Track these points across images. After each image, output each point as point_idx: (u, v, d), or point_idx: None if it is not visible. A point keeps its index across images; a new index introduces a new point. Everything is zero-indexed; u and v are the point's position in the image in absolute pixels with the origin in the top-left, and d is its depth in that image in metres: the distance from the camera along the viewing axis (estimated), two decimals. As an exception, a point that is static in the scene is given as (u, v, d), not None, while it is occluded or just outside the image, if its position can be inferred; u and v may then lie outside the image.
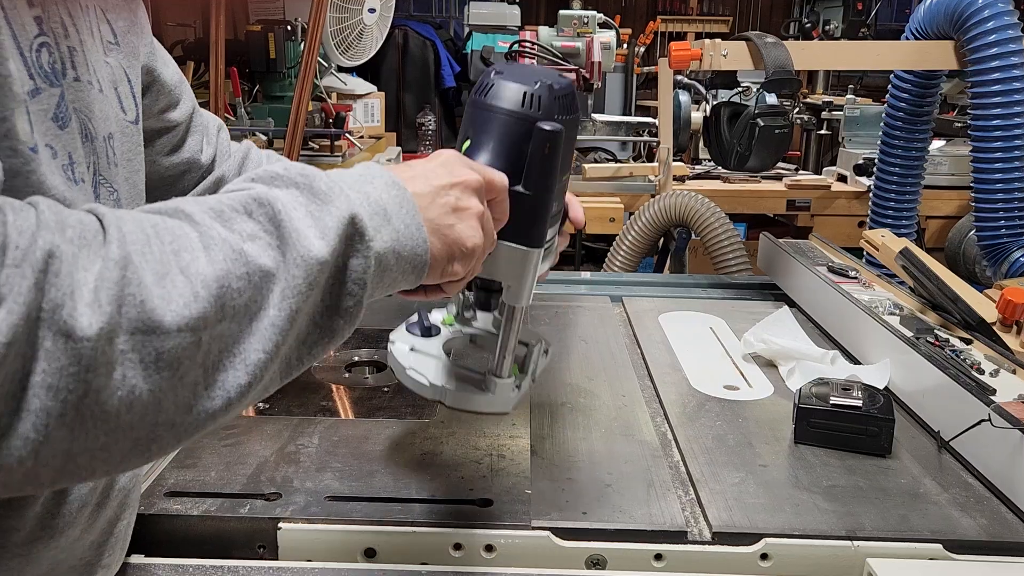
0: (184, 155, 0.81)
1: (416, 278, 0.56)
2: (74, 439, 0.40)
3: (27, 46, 0.47)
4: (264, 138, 3.15)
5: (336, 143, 3.15)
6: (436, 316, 0.83)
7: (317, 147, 3.14)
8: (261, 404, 0.98)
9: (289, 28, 3.06)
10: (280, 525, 0.73)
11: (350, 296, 0.51)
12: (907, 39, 1.76)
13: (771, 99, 2.51)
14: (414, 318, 0.81)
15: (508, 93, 0.65)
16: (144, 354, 0.41)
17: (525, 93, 0.64)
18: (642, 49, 4.34)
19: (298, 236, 0.48)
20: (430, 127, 3.88)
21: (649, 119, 3.09)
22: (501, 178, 0.63)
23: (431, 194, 0.58)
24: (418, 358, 0.77)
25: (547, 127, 0.63)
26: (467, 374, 0.75)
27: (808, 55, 1.78)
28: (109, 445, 0.41)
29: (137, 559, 0.71)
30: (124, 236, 0.42)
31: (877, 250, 1.39)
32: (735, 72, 1.68)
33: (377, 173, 0.56)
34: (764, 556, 0.73)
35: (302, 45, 2.55)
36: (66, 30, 0.53)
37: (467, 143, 0.66)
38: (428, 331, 0.81)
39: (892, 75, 1.82)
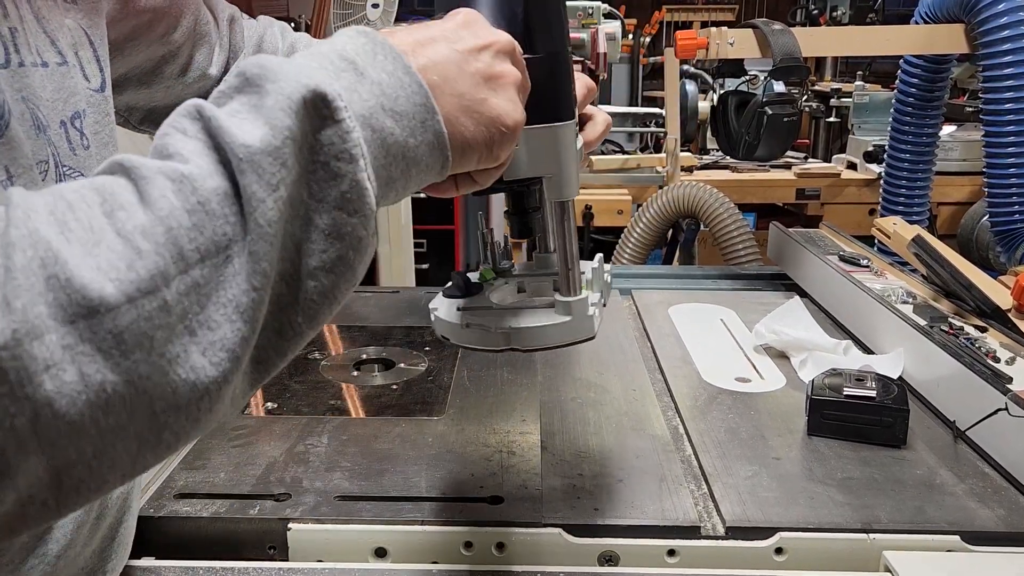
0: (193, 75, 0.76)
1: (437, 144, 0.45)
2: (51, 461, 0.34)
3: None
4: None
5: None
6: (472, 277, 0.73)
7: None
8: (269, 404, 0.97)
9: (293, 24, 3.06)
10: (290, 525, 0.73)
11: (339, 178, 0.40)
12: (916, 23, 1.74)
13: (779, 87, 2.48)
14: (450, 283, 0.71)
15: None
16: (99, 341, 0.34)
17: None
18: (648, 39, 4.32)
19: (233, 136, 0.38)
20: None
21: (656, 110, 3.07)
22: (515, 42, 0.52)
23: (457, 61, 0.47)
24: (472, 313, 0.67)
25: None
26: (534, 308, 0.66)
27: (816, 41, 1.76)
28: (103, 453, 0.35)
29: (147, 562, 0.71)
30: (31, 214, 0.34)
31: (889, 238, 1.37)
32: (742, 60, 1.66)
33: (341, 31, 0.46)
34: (779, 550, 0.72)
35: (306, 42, 2.56)
36: (4, 8, 0.48)
37: None
38: (470, 289, 0.70)
39: (902, 60, 1.80)
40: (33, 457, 0.33)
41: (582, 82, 0.67)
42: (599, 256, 0.74)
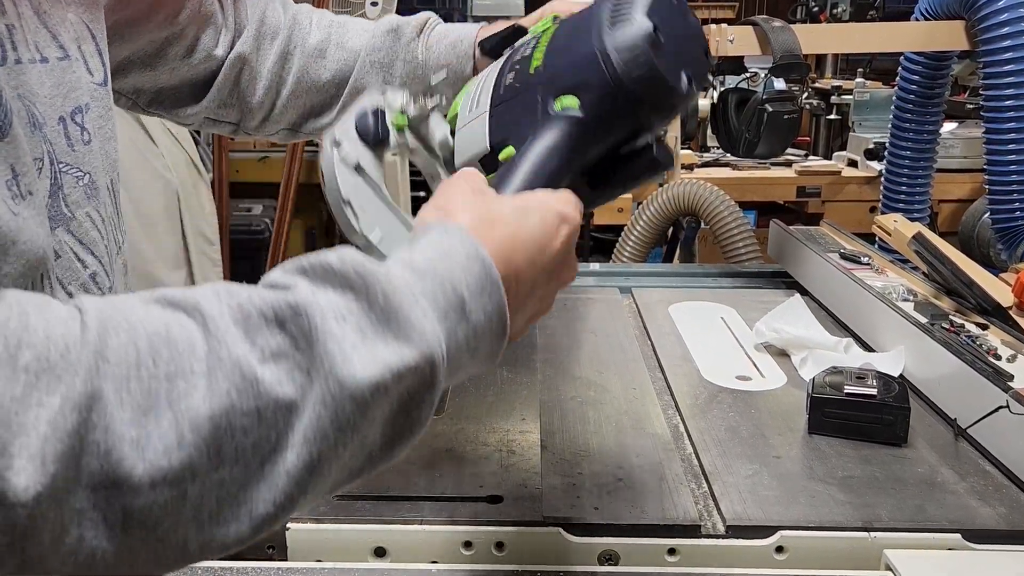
0: (198, 56, 0.76)
1: (491, 363, 0.47)
2: None
3: None
4: (270, 135, 3.15)
5: (342, 139, 3.14)
6: (393, 100, 0.63)
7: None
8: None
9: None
10: (289, 525, 0.73)
11: (411, 421, 0.41)
12: (916, 20, 1.73)
13: (779, 84, 2.48)
14: (365, 108, 0.62)
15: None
16: (108, 512, 0.33)
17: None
18: (648, 37, 4.31)
19: (332, 364, 0.37)
20: (435, 120, 3.87)
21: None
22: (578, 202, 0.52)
23: (530, 280, 0.47)
24: (358, 188, 0.58)
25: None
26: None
27: (816, 39, 1.76)
28: None
29: (146, 562, 0.70)
30: (101, 359, 0.34)
31: (890, 236, 1.37)
32: (742, 58, 1.66)
33: (458, 240, 0.44)
34: (779, 549, 0.72)
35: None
36: (2, 5, 0.47)
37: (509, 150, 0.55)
38: (379, 138, 0.61)
39: (902, 57, 1.80)
40: None
41: None
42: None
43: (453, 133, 0.63)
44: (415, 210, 0.53)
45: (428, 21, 0.83)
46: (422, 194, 3.70)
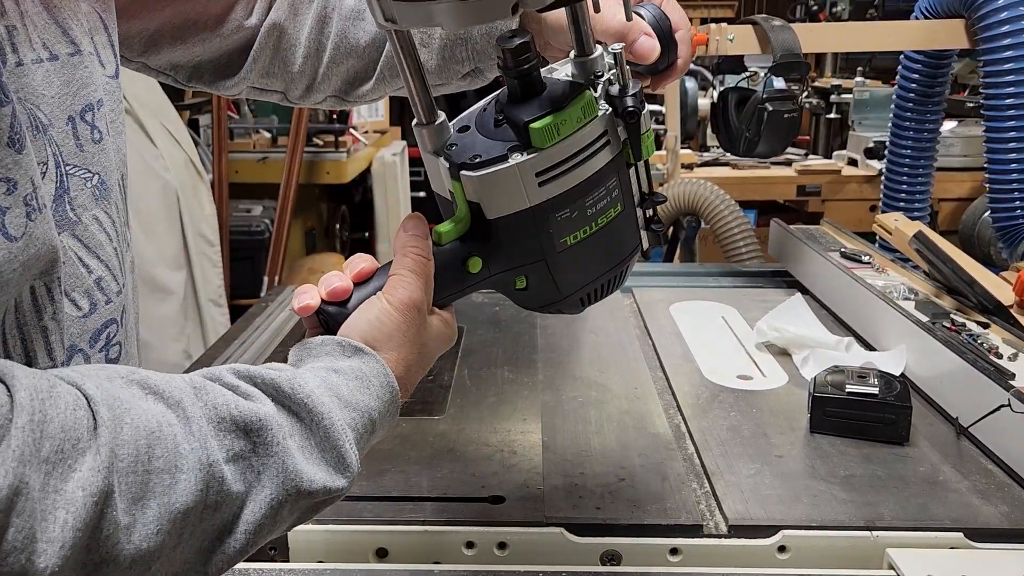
0: (229, 27, 0.75)
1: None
2: None
3: None
4: (268, 135, 3.15)
5: (340, 138, 3.14)
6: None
7: (321, 143, 3.13)
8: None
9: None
10: (291, 526, 0.73)
11: (296, 524, 0.51)
12: (916, 19, 1.73)
13: (779, 83, 2.47)
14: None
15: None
16: None
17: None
18: (647, 37, 4.31)
19: (287, 470, 0.47)
20: (436, 120, 3.86)
21: (656, 107, 3.06)
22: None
23: (416, 381, 0.58)
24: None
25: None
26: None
27: (816, 37, 1.76)
28: None
29: (148, 563, 0.70)
30: (115, 457, 0.40)
31: (890, 234, 1.37)
32: (742, 57, 1.66)
33: (374, 380, 0.54)
34: (782, 548, 0.72)
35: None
36: (3, 6, 0.46)
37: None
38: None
39: (902, 56, 1.80)
40: None
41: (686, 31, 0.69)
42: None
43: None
44: (415, 209, 0.54)
45: None
46: (422, 194, 3.70)
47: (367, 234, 3.57)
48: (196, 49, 0.76)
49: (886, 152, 1.91)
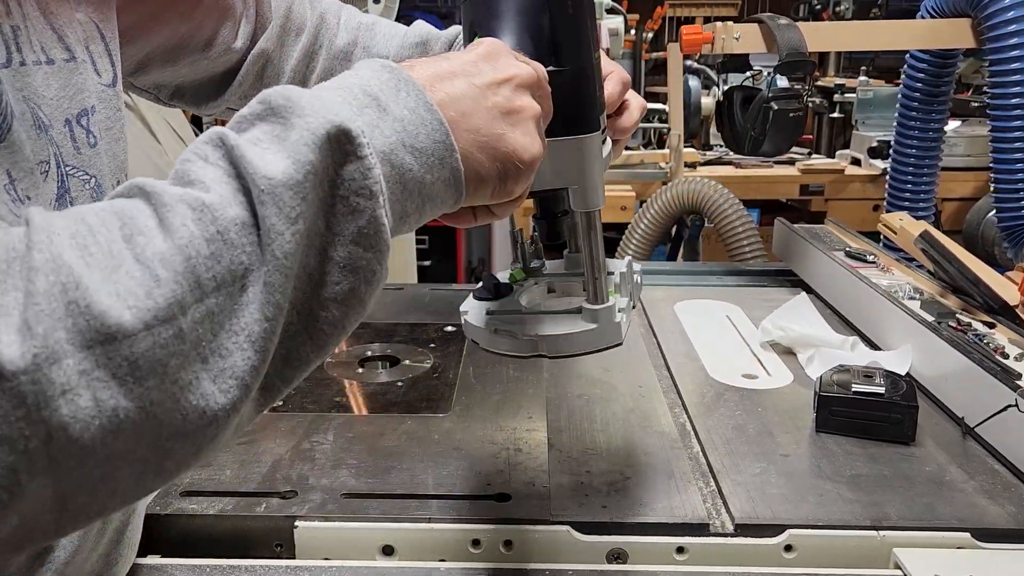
0: (217, 50, 0.75)
1: (452, 179, 0.46)
2: (56, 485, 0.34)
3: None
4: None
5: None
6: (502, 277, 0.73)
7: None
8: (275, 401, 0.97)
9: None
10: (297, 523, 0.73)
11: (358, 213, 0.41)
12: (923, 18, 1.72)
13: (783, 82, 2.47)
14: (480, 284, 0.72)
15: None
16: (114, 367, 0.34)
17: None
18: (650, 35, 4.30)
19: (255, 167, 0.38)
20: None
21: (659, 105, 3.06)
22: (541, 67, 0.53)
23: (475, 96, 0.47)
24: (501, 318, 0.68)
25: None
26: (561, 315, 0.67)
27: (821, 36, 1.75)
28: (108, 477, 0.35)
29: (154, 560, 0.70)
30: (53, 237, 0.34)
31: (895, 234, 1.36)
32: (747, 55, 1.65)
33: (365, 64, 0.46)
34: (788, 548, 0.72)
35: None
36: (7, 6, 0.46)
37: (476, 37, 0.57)
38: (499, 290, 0.71)
39: (907, 55, 1.79)
40: (40, 479, 0.33)
41: (617, 76, 0.67)
42: (629, 259, 0.74)
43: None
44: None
45: (458, 37, 0.82)
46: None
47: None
48: (183, 70, 0.77)
49: (891, 151, 1.91)
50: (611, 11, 2.96)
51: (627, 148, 3.09)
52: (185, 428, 0.37)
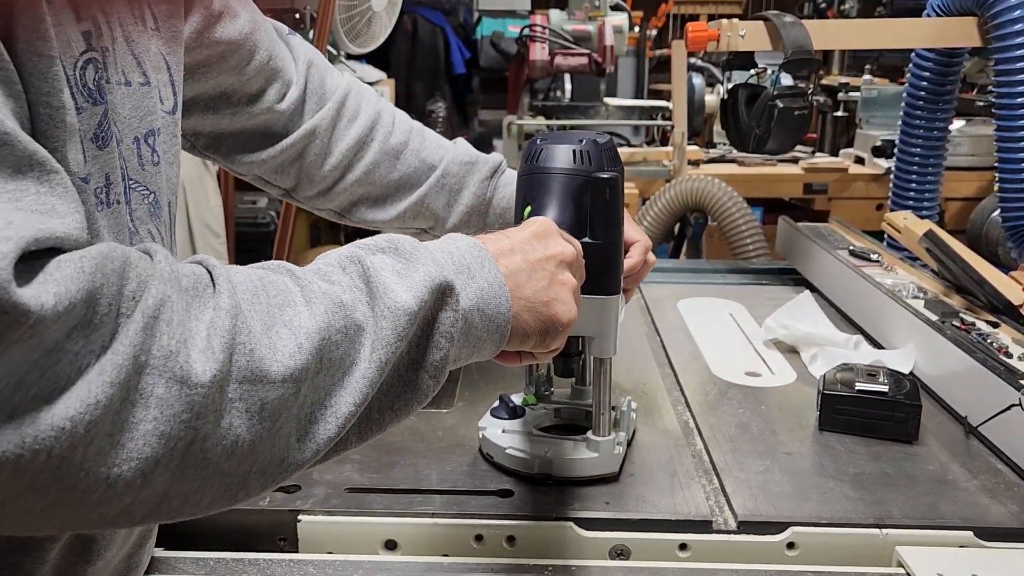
0: (261, 107, 0.79)
1: (500, 338, 0.55)
2: (172, 483, 0.40)
3: (71, 64, 0.46)
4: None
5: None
6: (516, 398, 0.87)
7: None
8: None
9: (298, 16, 3.04)
10: (300, 517, 0.73)
11: (437, 349, 0.51)
12: (929, 16, 1.72)
13: (787, 80, 2.46)
14: (497, 403, 0.85)
15: (560, 154, 0.70)
16: (250, 403, 0.42)
17: (575, 151, 0.69)
18: (654, 32, 4.30)
19: (385, 289, 0.48)
20: (440, 114, 3.86)
21: (662, 103, 3.06)
22: (579, 245, 0.64)
23: (528, 270, 0.57)
24: (512, 437, 0.81)
25: (604, 175, 0.69)
26: (566, 442, 0.79)
27: (827, 34, 1.75)
28: (203, 489, 0.42)
29: (159, 552, 0.70)
30: (234, 288, 0.43)
31: (899, 233, 1.36)
32: (752, 53, 1.65)
33: (459, 237, 0.57)
34: (791, 545, 0.72)
35: (311, 33, 2.54)
36: (99, 29, 0.51)
37: (528, 208, 0.70)
38: (514, 412, 0.84)
39: (913, 54, 1.78)
40: (165, 476, 0.40)
41: (642, 246, 0.82)
42: (628, 399, 0.87)
43: None
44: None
45: (501, 164, 0.91)
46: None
47: (372, 227, 3.57)
48: (224, 121, 0.80)
49: (896, 150, 1.90)
50: (615, 8, 2.95)
51: (631, 146, 3.09)
52: (267, 469, 0.44)
